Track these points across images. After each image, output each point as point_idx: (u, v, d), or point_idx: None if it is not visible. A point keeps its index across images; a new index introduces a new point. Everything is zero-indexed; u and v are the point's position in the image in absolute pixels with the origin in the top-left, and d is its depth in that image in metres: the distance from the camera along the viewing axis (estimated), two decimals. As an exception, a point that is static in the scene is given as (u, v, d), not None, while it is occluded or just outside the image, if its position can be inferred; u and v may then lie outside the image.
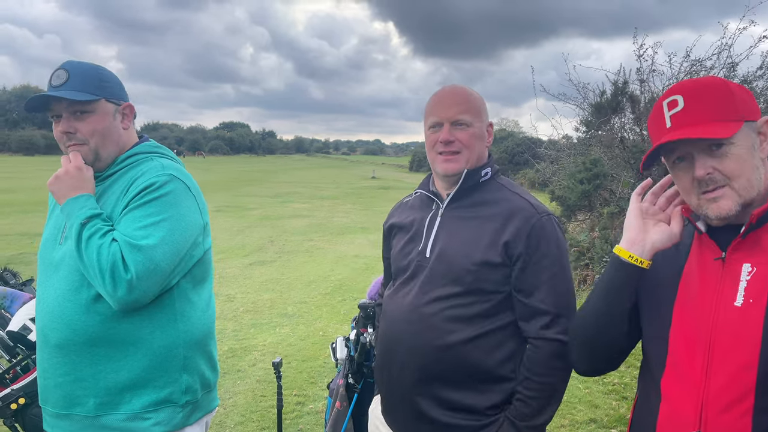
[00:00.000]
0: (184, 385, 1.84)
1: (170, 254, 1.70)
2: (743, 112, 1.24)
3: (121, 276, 1.62)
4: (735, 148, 1.22)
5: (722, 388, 1.20)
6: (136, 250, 1.65)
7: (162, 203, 1.74)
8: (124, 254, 1.64)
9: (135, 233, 1.68)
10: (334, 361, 3.21)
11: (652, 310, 1.38)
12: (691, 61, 8.48)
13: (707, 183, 1.24)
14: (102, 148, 1.83)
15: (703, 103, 1.24)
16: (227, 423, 4.22)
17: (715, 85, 1.26)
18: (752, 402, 1.17)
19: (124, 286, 1.62)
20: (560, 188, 9.32)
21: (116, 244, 1.65)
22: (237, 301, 7.55)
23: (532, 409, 1.66)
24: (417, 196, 1.96)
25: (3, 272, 2.81)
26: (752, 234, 1.23)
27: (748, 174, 1.23)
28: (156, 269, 1.67)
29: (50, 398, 1.79)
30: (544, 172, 11.51)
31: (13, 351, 2.47)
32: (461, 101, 1.76)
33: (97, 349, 1.73)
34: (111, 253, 1.63)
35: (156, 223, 1.71)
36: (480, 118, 1.78)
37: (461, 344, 1.69)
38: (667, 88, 1.35)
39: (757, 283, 1.20)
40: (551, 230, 1.70)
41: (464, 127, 1.75)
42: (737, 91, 1.26)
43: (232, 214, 16.80)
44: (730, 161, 1.22)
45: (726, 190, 1.23)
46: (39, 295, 1.84)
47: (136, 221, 1.70)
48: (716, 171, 1.23)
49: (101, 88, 1.82)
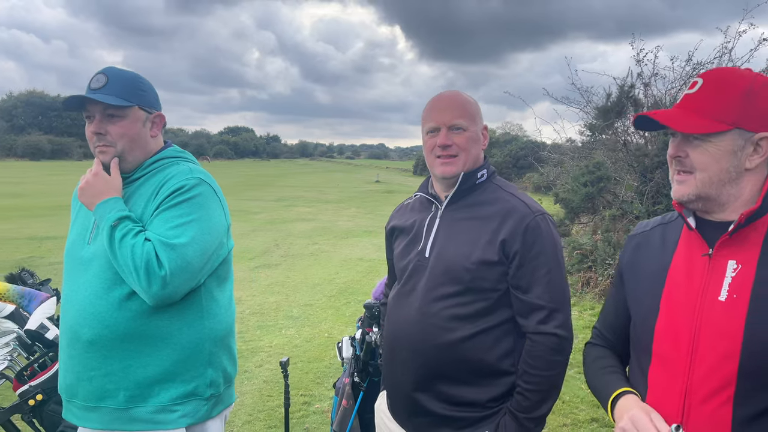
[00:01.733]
0: (209, 379, 1.93)
1: (200, 252, 1.80)
2: (742, 119, 1.27)
3: (155, 272, 1.71)
4: (711, 146, 1.28)
5: (704, 377, 1.26)
6: (169, 248, 1.74)
7: (192, 205, 1.84)
8: (157, 252, 1.73)
9: (168, 233, 1.77)
10: (340, 360, 3.28)
11: (641, 304, 1.44)
12: (693, 64, 8.55)
13: (679, 163, 1.34)
14: (128, 152, 1.92)
15: (710, 97, 1.30)
16: (235, 422, 4.28)
17: (736, 83, 1.29)
18: (733, 391, 1.23)
19: (158, 282, 1.71)
20: (563, 191, 9.39)
21: (149, 243, 1.74)
22: (243, 303, 7.63)
23: (531, 402, 1.73)
24: (417, 198, 2.04)
25: (21, 272, 2.90)
26: (740, 232, 1.29)
27: (713, 173, 1.29)
28: (188, 266, 1.76)
29: (80, 392, 1.86)
30: (548, 175, 11.59)
31: (31, 349, 2.56)
32: (457, 106, 1.84)
33: (128, 345, 1.81)
34: (145, 251, 1.72)
35: (187, 223, 1.80)
36: (475, 122, 1.85)
37: (462, 342, 1.76)
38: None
39: (741, 279, 1.26)
40: (546, 228, 1.77)
41: (461, 132, 1.82)
42: (754, 98, 1.27)
43: (238, 218, 16.88)
44: (700, 154, 1.30)
45: (689, 177, 1.32)
46: (67, 293, 1.91)
47: (168, 221, 1.80)
48: (688, 157, 1.31)
49: (136, 95, 1.92)
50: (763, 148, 1.29)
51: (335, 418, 3.20)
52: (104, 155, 1.90)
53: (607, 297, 1.66)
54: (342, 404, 3.14)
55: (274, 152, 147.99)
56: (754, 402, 1.22)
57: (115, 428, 1.84)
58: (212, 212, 1.90)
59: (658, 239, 1.48)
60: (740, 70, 1.36)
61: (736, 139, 1.28)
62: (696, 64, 8.47)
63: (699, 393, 1.27)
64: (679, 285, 1.36)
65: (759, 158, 1.29)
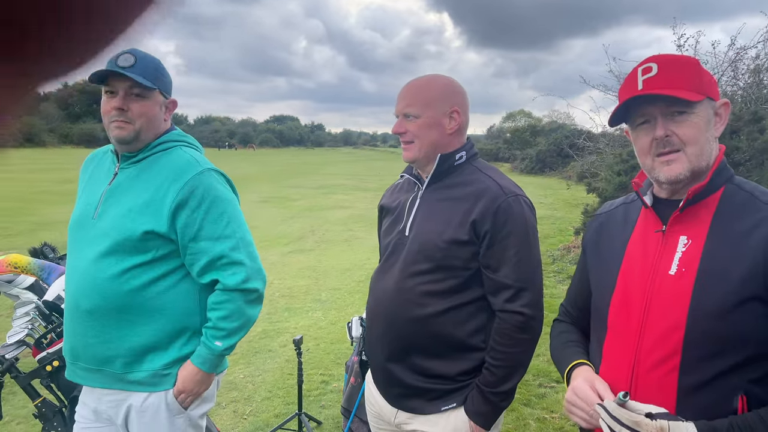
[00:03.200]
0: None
1: (248, 238, 2.05)
2: (707, 89, 1.33)
3: (255, 298, 2.03)
4: (695, 117, 1.31)
5: (652, 347, 1.30)
6: (238, 268, 1.98)
7: (217, 207, 1.99)
8: (236, 282, 1.97)
9: (226, 254, 1.97)
10: (350, 339, 3.37)
11: (600, 279, 1.48)
12: (736, 49, 8.26)
13: (664, 145, 1.33)
14: (144, 132, 1.99)
15: (675, 73, 1.32)
16: (255, 398, 4.44)
17: (687, 61, 1.37)
18: (678, 361, 1.26)
19: (263, 294, 2.07)
20: (597, 180, 9.23)
21: (228, 303, 1.97)
22: (273, 286, 7.81)
23: (496, 377, 1.78)
24: (405, 179, 2.10)
25: (43, 247, 3.08)
26: (691, 208, 1.32)
27: (702, 144, 1.31)
28: (256, 262, 2.05)
29: (82, 356, 2.00)
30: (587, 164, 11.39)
31: (49, 318, 2.73)
32: (411, 95, 1.89)
33: (125, 315, 1.93)
34: (239, 314, 1.99)
35: (226, 226, 1.99)
36: (432, 108, 1.87)
37: (434, 316, 1.82)
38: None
39: (690, 253, 1.29)
40: (518, 210, 1.80)
41: (413, 119, 1.87)
42: (705, 71, 1.36)
43: (277, 204, 17.20)
44: (689, 128, 1.31)
45: (680, 155, 1.32)
46: (70, 264, 2.03)
47: (216, 240, 1.97)
48: (674, 135, 1.32)
49: (159, 79, 2.00)
50: (722, 115, 1.35)
51: (344, 395, 3.30)
52: (122, 131, 1.95)
53: (573, 275, 1.69)
54: (350, 382, 3.23)
55: (318, 141, 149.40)
56: (698, 371, 1.25)
57: (115, 388, 1.99)
58: (230, 197, 2.05)
59: (620, 218, 1.51)
60: (679, 54, 1.40)
61: (708, 109, 1.33)
62: (739, 49, 8.17)
63: (646, 362, 1.31)
64: (635, 260, 1.39)
65: (721, 125, 1.35)
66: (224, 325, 1.96)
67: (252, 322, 2.06)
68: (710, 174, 1.31)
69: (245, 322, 2.02)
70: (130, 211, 1.93)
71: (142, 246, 1.91)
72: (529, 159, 34.71)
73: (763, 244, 1.22)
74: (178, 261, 1.99)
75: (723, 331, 1.22)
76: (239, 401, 4.39)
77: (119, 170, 2.03)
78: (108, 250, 1.92)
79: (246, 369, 5.00)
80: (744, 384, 1.23)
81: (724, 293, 1.22)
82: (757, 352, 1.23)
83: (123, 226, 1.91)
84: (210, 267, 1.97)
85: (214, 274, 1.97)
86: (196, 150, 2.14)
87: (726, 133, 6.79)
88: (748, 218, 1.27)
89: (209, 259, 1.95)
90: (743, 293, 1.21)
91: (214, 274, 1.97)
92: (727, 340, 1.23)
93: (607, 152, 10.16)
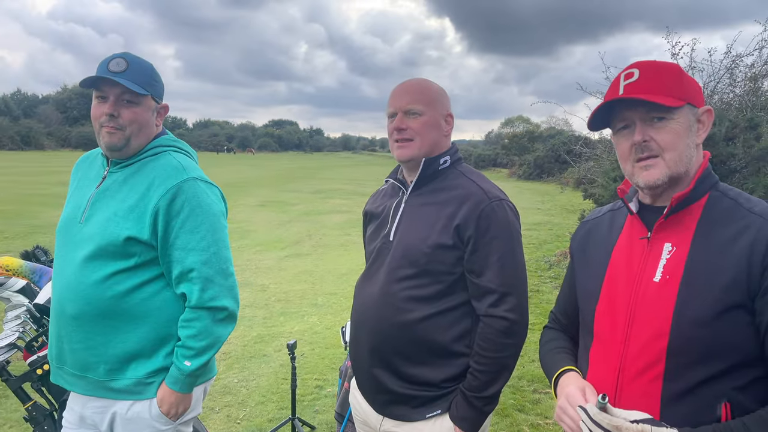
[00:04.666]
0: None
1: (224, 254, 1.99)
2: (689, 95, 1.33)
3: (225, 317, 1.98)
4: (674, 123, 1.31)
5: (636, 355, 1.30)
6: (206, 284, 1.93)
7: (196, 217, 1.94)
8: (202, 299, 1.93)
9: (197, 267, 1.92)
10: (344, 344, 3.37)
11: (586, 287, 1.48)
12: (732, 57, 8.27)
13: (642, 150, 1.32)
14: (134, 138, 1.97)
15: (656, 79, 1.32)
16: (248, 402, 4.43)
17: (670, 67, 1.37)
18: (662, 368, 1.26)
19: (234, 313, 2.00)
20: (593, 186, 9.24)
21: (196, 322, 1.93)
22: (269, 291, 7.81)
23: (480, 382, 1.78)
24: (389, 184, 2.09)
25: (35, 250, 3.08)
26: (675, 216, 1.32)
27: (681, 150, 1.31)
28: (228, 280, 1.99)
29: (68, 361, 1.98)
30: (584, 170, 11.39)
31: (40, 321, 2.72)
32: (415, 91, 1.88)
33: (109, 321, 1.91)
34: (206, 333, 1.94)
35: (201, 239, 1.94)
36: (434, 108, 1.88)
37: (418, 322, 1.81)
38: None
39: (675, 261, 1.29)
40: (502, 214, 1.80)
41: (416, 116, 1.86)
42: (688, 78, 1.36)
43: (275, 208, 17.20)
44: (667, 134, 1.31)
45: (658, 160, 1.32)
46: (57, 268, 2.02)
47: (189, 251, 1.93)
48: (653, 140, 1.32)
49: (151, 85, 1.98)
50: (705, 122, 1.35)
51: (338, 399, 3.29)
52: (112, 137, 1.93)
53: (562, 282, 1.69)
54: (345, 387, 3.23)
55: (317, 145, 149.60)
56: (682, 379, 1.25)
57: (99, 395, 1.97)
58: (215, 209, 1.99)
59: (607, 224, 1.51)
60: (663, 61, 1.39)
61: (688, 115, 1.33)
62: (735, 56, 8.19)
63: (631, 369, 1.31)
64: (620, 267, 1.39)
65: (704, 132, 1.35)
66: (192, 344, 1.92)
67: (221, 341, 1.99)
68: (694, 181, 1.32)
69: (214, 341, 1.95)
70: (114, 215, 1.91)
71: (124, 251, 1.89)
72: (527, 165, 34.76)
73: (747, 251, 1.21)
74: (162, 268, 1.96)
75: (707, 339, 1.22)
76: (233, 406, 4.38)
77: (108, 174, 2.02)
78: (92, 255, 1.90)
79: (240, 373, 4.98)
80: (728, 391, 1.23)
81: (708, 301, 1.22)
82: (740, 360, 1.23)
83: (106, 231, 1.89)
84: (181, 278, 1.93)
85: (184, 287, 1.93)
86: (187, 156, 2.11)
87: (722, 140, 6.81)
88: (732, 225, 1.27)
89: (180, 270, 1.92)
90: (727, 301, 1.21)
91: (183, 287, 1.93)
92: (711, 348, 1.23)
93: (603, 158, 10.18)
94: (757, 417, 1.18)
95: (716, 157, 6.59)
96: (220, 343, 1.99)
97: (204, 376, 2.08)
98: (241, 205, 17.12)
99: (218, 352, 2.10)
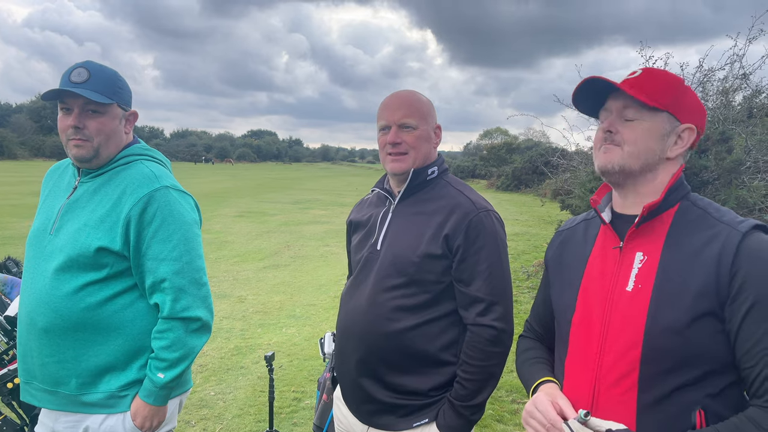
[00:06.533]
0: None
1: (197, 264, 1.97)
2: (676, 107, 1.35)
3: (198, 328, 1.96)
4: (641, 124, 1.34)
5: (611, 365, 1.31)
6: (179, 294, 1.91)
7: (168, 227, 1.92)
8: (174, 310, 1.90)
9: (168, 277, 1.90)
10: (322, 356, 3.34)
11: (561, 297, 1.49)
12: (704, 71, 8.45)
13: (609, 138, 1.37)
14: (103, 148, 1.94)
15: (649, 81, 1.36)
16: (225, 416, 4.37)
17: (673, 78, 1.39)
18: (637, 377, 1.27)
19: (208, 323, 1.98)
20: (570, 197, 9.35)
21: (169, 333, 1.91)
22: (247, 302, 7.74)
23: (468, 391, 1.79)
24: (374, 194, 2.10)
25: (6, 261, 3.01)
26: (646, 225, 1.35)
27: (639, 148, 1.34)
28: (201, 290, 1.97)
29: (37, 375, 1.94)
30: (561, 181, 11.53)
31: (10, 334, 2.65)
32: (408, 105, 1.90)
33: (81, 334, 1.87)
34: (180, 344, 1.92)
35: (173, 248, 1.91)
36: (426, 121, 1.91)
37: (405, 331, 1.82)
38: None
39: (646, 270, 1.31)
40: (489, 225, 1.82)
41: (410, 130, 1.88)
42: (688, 95, 1.38)
43: (253, 219, 17.08)
44: (630, 130, 1.35)
45: (617, 148, 1.36)
46: (26, 280, 1.97)
47: (161, 261, 1.90)
48: (618, 132, 1.35)
49: (116, 93, 1.94)
50: (684, 139, 1.36)
51: (316, 412, 3.26)
52: (80, 149, 1.91)
53: (537, 291, 1.70)
54: (323, 399, 3.20)
55: (296, 156, 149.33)
56: (656, 387, 1.27)
57: (70, 410, 1.92)
58: (187, 218, 1.97)
59: (581, 234, 1.53)
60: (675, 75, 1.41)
61: (665, 123, 1.35)
62: (707, 71, 8.37)
63: (606, 379, 1.32)
64: (594, 278, 1.41)
65: (679, 149, 1.36)
66: (165, 356, 1.89)
67: (195, 352, 1.97)
68: (665, 190, 1.34)
69: (187, 352, 1.93)
70: (85, 226, 1.88)
71: (96, 262, 1.86)
72: (505, 176, 35.07)
73: (716, 260, 1.24)
74: (135, 279, 1.94)
75: (679, 348, 1.24)
76: (209, 419, 4.31)
77: (79, 184, 1.99)
78: (62, 266, 1.86)
79: (217, 386, 4.91)
80: (702, 399, 1.25)
81: (679, 309, 1.24)
82: (713, 367, 1.25)
83: (77, 242, 1.86)
84: (153, 289, 1.90)
85: (156, 297, 1.91)
86: (161, 164, 2.08)
87: (695, 153, 6.94)
88: (700, 234, 1.29)
89: (153, 280, 1.89)
90: (698, 309, 1.23)
91: (156, 297, 1.91)
92: (684, 356, 1.24)
93: (580, 170, 10.31)
94: (730, 424, 1.20)
95: (689, 170, 6.72)
96: (194, 354, 1.96)
97: (179, 389, 2.05)
98: (218, 216, 16.98)
99: (195, 364, 2.07)
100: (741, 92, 8.39)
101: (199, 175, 45.59)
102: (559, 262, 1.55)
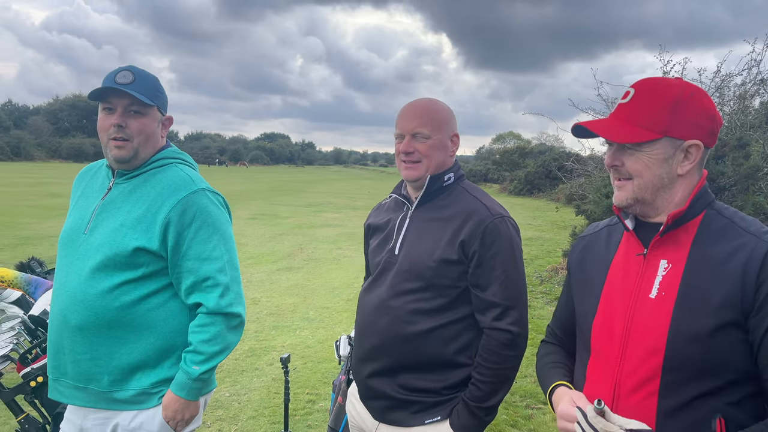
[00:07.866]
0: None
1: (236, 263, 2.04)
2: (673, 128, 1.32)
3: (237, 324, 2.02)
4: (642, 155, 1.34)
5: (632, 370, 1.32)
6: (223, 291, 1.97)
7: (208, 228, 1.99)
8: (220, 305, 1.96)
9: (213, 275, 1.97)
10: (338, 358, 3.37)
11: (583, 302, 1.50)
12: (722, 76, 8.41)
13: (616, 172, 1.39)
14: (142, 148, 2.00)
15: (640, 106, 1.36)
16: (240, 417, 4.40)
17: (665, 94, 1.35)
18: (658, 384, 1.28)
19: (244, 321, 2.04)
20: (585, 203, 9.31)
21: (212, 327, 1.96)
22: (261, 304, 7.79)
23: (483, 393, 1.82)
24: (392, 199, 2.13)
25: (30, 261, 3.07)
26: (671, 233, 1.35)
27: (647, 178, 1.35)
28: (239, 288, 2.03)
29: (68, 372, 1.98)
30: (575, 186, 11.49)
31: (34, 333, 2.71)
32: (422, 115, 1.93)
33: (114, 332, 1.92)
34: (220, 338, 1.97)
35: (214, 248, 1.99)
36: (440, 131, 1.94)
37: (422, 335, 1.85)
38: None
39: (670, 277, 1.32)
40: (505, 230, 1.85)
41: (423, 139, 1.91)
42: (683, 107, 1.33)
43: (267, 221, 17.17)
44: (634, 162, 1.36)
45: (628, 183, 1.38)
46: (60, 278, 2.02)
47: (203, 261, 1.96)
48: (623, 166, 1.37)
49: (157, 97, 2.02)
50: (693, 154, 1.35)
51: (331, 414, 3.28)
52: (120, 150, 1.96)
53: (559, 297, 1.72)
54: (338, 401, 3.22)
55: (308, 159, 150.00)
56: (677, 394, 1.27)
57: (100, 407, 1.96)
58: (222, 219, 2.05)
59: (604, 240, 1.54)
60: (670, 79, 1.40)
61: (666, 147, 1.33)
62: (725, 76, 8.33)
63: (627, 385, 1.33)
64: (617, 283, 1.42)
65: (689, 164, 1.35)
66: (205, 349, 1.94)
67: (231, 349, 2.03)
68: (690, 200, 1.34)
69: (225, 347, 1.99)
70: (122, 226, 1.93)
71: (132, 262, 1.91)
72: (518, 180, 34.94)
73: (741, 270, 1.24)
74: (169, 278, 1.98)
75: (701, 356, 1.24)
76: (224, 420, 4.35)
77: (113, 185, 2.03)
78: (99, 266, 1.91)
79: (232, 387, 4.95)
80: (722, 407, 1.25)
81: (702, 318, 1.25)
82: (734, 376, 1.25)
83: (114, 242, 1.91)
84: (195, 288, 1.96)
85: (198, 295, 1.96)
86: (192, 168, 2.15)
87: (711, 159, 6.90)
88: (726, 244, 1.29)
89: (195, 279, 1.95)
90: (721, 319, 1.23)
91: (197, 295, 1.96)
92: (706, 365, 1.25)
93: (595, 175, 10.28)
94: (756, 429, 1.20)
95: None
96: (229, 351, 2.03)
97: (206, 387, 2.09)
98: (233, 218, 17.07)
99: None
100: (758, 97, 8.33)
101: (213, 177, 45.84)
102: (582, 267, 1.56)
